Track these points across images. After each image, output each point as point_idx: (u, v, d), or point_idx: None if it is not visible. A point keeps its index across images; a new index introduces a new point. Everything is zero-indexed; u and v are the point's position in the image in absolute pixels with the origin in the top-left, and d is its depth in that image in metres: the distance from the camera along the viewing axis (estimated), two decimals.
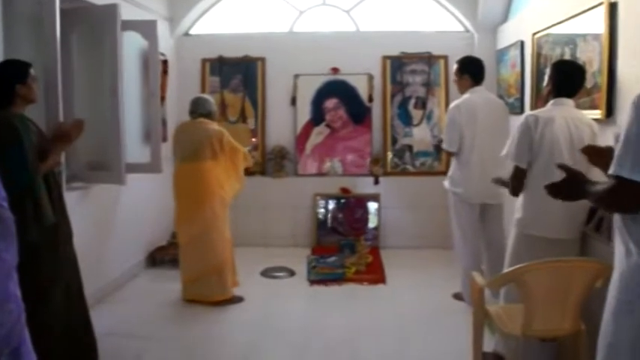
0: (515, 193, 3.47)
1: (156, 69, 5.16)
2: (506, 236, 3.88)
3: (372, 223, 6.46)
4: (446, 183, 4.62)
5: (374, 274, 5.44)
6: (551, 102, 3.36)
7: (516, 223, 3.41)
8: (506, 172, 3.55)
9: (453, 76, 4.69)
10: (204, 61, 6.69)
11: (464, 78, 4.51)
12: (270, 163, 6.59)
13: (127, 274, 5.31)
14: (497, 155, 4.13)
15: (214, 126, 4.61)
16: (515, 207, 3.48)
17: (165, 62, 6.08)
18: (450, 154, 4.60)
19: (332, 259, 5.42)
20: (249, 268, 5.57)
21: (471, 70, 4.49)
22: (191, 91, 6.54)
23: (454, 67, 4.62)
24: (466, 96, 4.47)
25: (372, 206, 6.47)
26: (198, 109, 4.65)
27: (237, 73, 6.65)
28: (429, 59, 6.50)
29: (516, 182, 3.41)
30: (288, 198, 6.54)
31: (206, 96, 4.82)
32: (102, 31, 4.53)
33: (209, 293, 4.57)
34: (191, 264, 4.59)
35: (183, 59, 6.65)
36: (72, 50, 4.58)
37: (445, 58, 6.49)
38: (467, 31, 6.48)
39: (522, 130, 3.29)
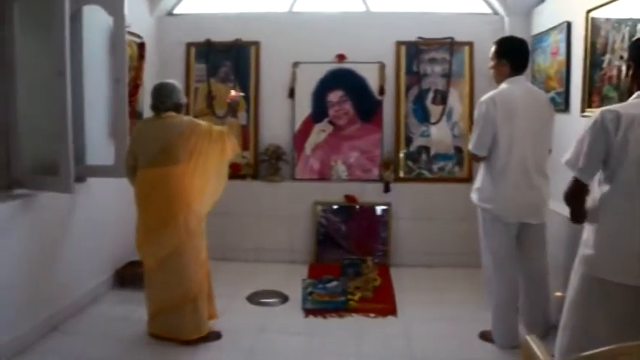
0: (576, 216, 2.55)
1: (122, 51, 4.32)
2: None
3: (381, 237, 5.57)
4: (474, 196, 3.70)
5: (383, 302, 4.55)
6: (637, 93, 2.42)
7: (583, 261, 2.49)
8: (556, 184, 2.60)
9: (488, 62, 3.76)
10: (189, 45, 5.90)
11: (502, 64, 3.60)
12: (264, 165, 5.78)
13: (86, 297, 4.46)
14: (540, 161, 3.55)
15: (184, 118, 3.71)
16: (581, 238, 2.54)
17: (142, 45, 5.30)
18: (477, 159, 3.66)
19: (332, 283, 4.51)
20: (233, 291, 4.75)
21: (512, 55, 3.59)
22: (173, 79, 5.71)
23: (491, 49, 3.70)
24: (503, 86, 3.57)
25: (382, 217, 5.60)
26: (164, 102, 3.72)
27: (227, 60, 5.84)
28: (450, 46, 5.64)
29: (576, 202, 2.50)
30: (283, 206, 5.74)
31: (172, 82, 3.87)
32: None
33: (180, 329, 3.69)
34: (159, 293, 3.72)
35: (165, 42, 5.86)
36: (13, 22, 3.76)
37: (470, 44, 5.64)
38: (495, 13, 5.62)
39: (596, 131, 2.38)
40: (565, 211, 2.63)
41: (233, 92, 4.25)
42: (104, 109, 4.52)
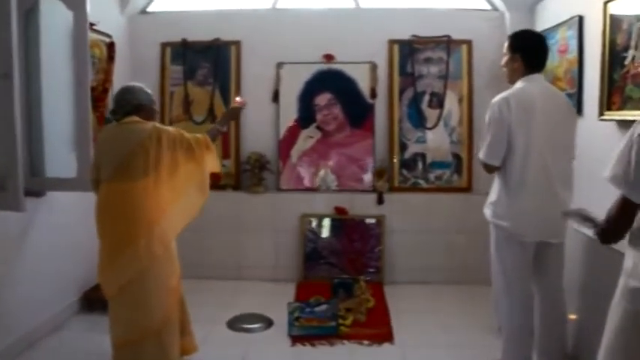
0: (611, 237, 2.12)
1: (84, 50, 3.82)
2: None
3: (374, 252, 5.15)
4: (487, 211, 3.26)
5: (377, 326, 4.12)
6: None
7: (627, 295, 2.04)
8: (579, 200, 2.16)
9: (502, 58, 3.33)
10: (164, 45, 5.43)
11: (516, 59, 3.17)
12: (246, 174, 5.32)
13: (47, 324, 4.01)
14: (563, 171, 3.13)
15: (147, 124, 3.19)
16: (623, 266, 2.10)
17: (111, 45, 4.82)
18: (490, 170, 3.21)
19: (321, 307, 4.05)
20: (213, 315, 4.33)
21: (528, 50, 3.16)
22: (147, 82, 5.24)
23: (504, 44, 3.27)
24: (518, 86, 3.14)
25: (375, 230, 5.17)
26: (122, 106, 3.24)
27: (206, 61, 5.39)
28: (447, 45, 5.22)
29: (622, 225, 2.06)
30: (267, 219, 5.30)
31: (134, 84, 3.37)
32: None
33: None
34: (118, 325, 3.21)
35: (137, 43, 5.39)
36: None
37: (468, 43, 5.22)
38: (495, 9, 5.22)
39: None
40: (583, 227, 2.21)
41: (239, 99, 3.78)
42: (67, 115, 4.03)
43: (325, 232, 5.18)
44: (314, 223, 5.21)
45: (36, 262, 3.86)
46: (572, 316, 3.44)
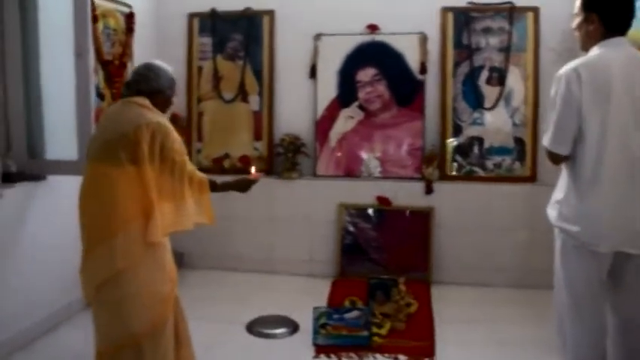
0: None
1: (84, 18, 3.45)
2: None
3: (420, 248, 4.60)
4: (551, 213, 2.61)
5: (417, 337, 3.57)
6: None
7: None
8: None
9: (574, 19, 2.66)
10: (191, 16, 5.07)
11: (591, 20, 2.50)
12: (279, 158, 4.88)
13: (46, 321, 3.66)
14: None
15: (153, 114, 2.71)
16: None
17: (130, 16, 4.49)
18: (557, 160, 2.56)
19: (353, 313, 3.52)
20: (233, 315, 3.94)
21: (607, 6, 2.48)
22: (173, 58, 4.90)
23: (576, 2, 2.61)
24: (593, 53, 2.47)
25: (422, 224, 4.62)
26: (139, 82, 2.77)
27: (236, 33, 4.97)
28: (510, 12, 4.60)
29: None
30: (302, 208, 4.86)
31: (159, 64, 2.90)
32: None
33: None
34: (99, 331, 2.77)
35: (162, 13, 5.08)
36: None
37: (534, 10, 4.60)
38: None
39: None
40: None
41: (254, 170, 3.24)
42: (70, 92, 3.63)
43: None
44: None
45: (34, 252, 3.52)
46: None
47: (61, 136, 3.63)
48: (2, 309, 3.29)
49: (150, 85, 2.76)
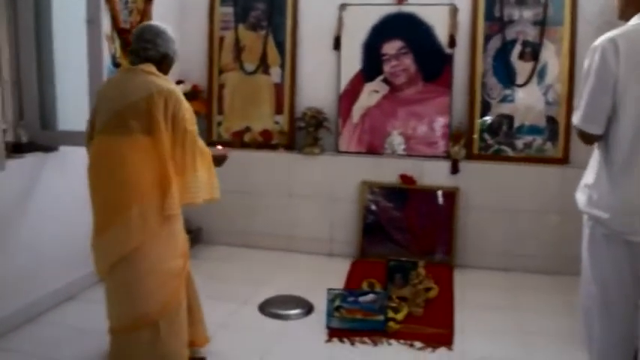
0: None
1: None
2: None
3: (445, 230, 4.42)
4: (580, 197, 2.40)
5: (436, 324, 3.40)
6: None
7: None
8: None
9: None
10: None
11: None
12: (301, 133, 4.71)
13: (56, 294, 3.60)
14: None
15: (164, 81, 2.60)
16: None
17: None
18: (588, 140, 2.36)
19: (368, 297, 3.37)
20: (246, 293, 3.84)
21: None
22: (193, 27, 4.82)
23: None
24: (634, 22, 2.24)
25: (447, 205, 4.43)
26: (147, 49, 2.65)
27: (259, 2, 4.78)
28: None
29: None
30: (323, 185, 4.69)
31: (163, 27, 2.76)
32: None
33: (138, 356, 2.63)
34: (114, 309, 2.70)
35: None
36: None
37: None
38: None
39: None
40: None
41: (220, 147, 3.18)
42: (82, 60, 3.52)
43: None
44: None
45: (43, 225, 3.43)
46: None
47: (74, 107, 3.51)
48: (10, 282, 3.22)
49: (158, 51, 2.67)
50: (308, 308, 3.61)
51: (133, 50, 2.69)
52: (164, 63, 2.69)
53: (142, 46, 2.65)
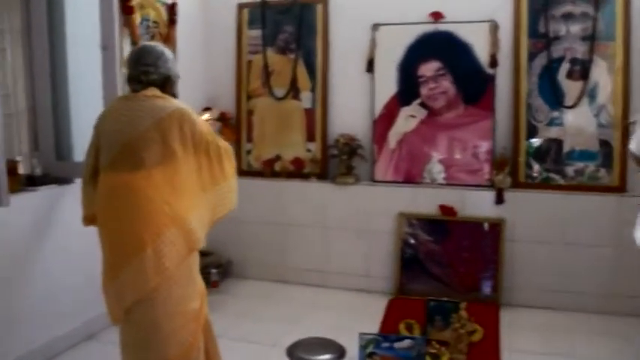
0: None
1: (109, 7, 3.14)
2: None
3: (489, 265, 4.11)
4: (639, 236, 2.10)
5: None
6: None
7: None
8: None
9: None
10: (240, 6, 4.75)
11: None
12: (334, 161, 4.49)
13: (74, 334, 3.47)
14: None
15: (171, 102, 2.42)
16: None
17: (172, 7, 4.23)
18: None
19: (404, 342, 3.08)
20: (274, 334, 3.62)
21: None
22: (220, 51, 4.69)
23: None
24: None
25: (492, 238, 4.12)
26: (149, 73, 2.49)
27: (288, 24, 4.60)
28: None
29: None
30: (358, 216, 4.45)
31: (161, 47, 2.60)
32: None
33: None
34: (130, 355, 2.51)
35: (210, 4, 4.81)
36: None
37: None
38: None
39: None
40: None
41: (207, 115, 3.08)
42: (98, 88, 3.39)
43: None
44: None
45: (58, 260, 3.30)
46: None
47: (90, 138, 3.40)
48: (24, 321, 3.10)
49: (161, 73, 2.51)
50: (339, 354, 3.34)
51: (132, 77, 2.51)
52: (167, 86, 2.52)
53: (143, 71, 2.47)
